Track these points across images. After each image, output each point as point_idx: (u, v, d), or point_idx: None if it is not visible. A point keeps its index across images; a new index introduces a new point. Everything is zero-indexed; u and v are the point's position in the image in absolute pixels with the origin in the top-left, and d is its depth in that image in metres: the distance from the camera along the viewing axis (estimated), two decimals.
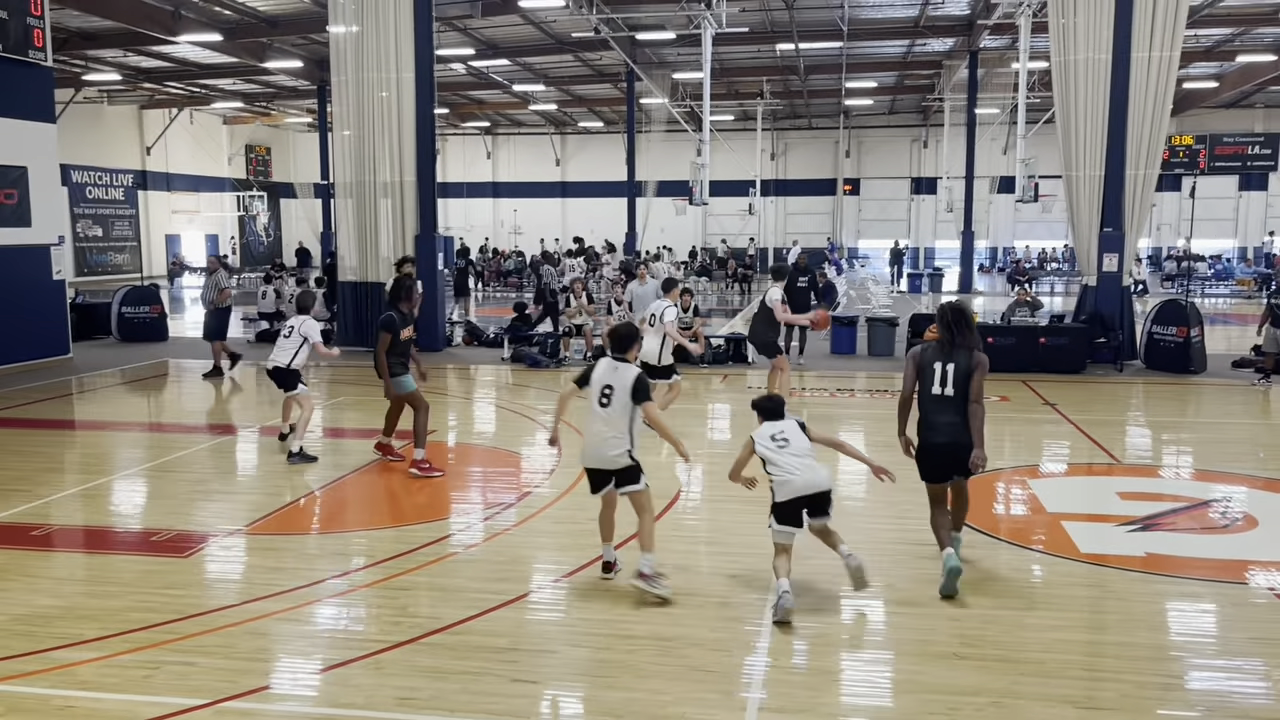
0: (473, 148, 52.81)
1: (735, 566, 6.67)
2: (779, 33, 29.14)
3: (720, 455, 10.24)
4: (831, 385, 14.35)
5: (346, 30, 17.75)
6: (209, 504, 8.33)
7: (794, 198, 50.23)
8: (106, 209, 38.15)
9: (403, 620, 5.71)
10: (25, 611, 5.87)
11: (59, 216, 17.53)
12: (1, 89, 15.14)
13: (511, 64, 33.64)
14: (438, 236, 17.98)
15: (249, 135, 48.35)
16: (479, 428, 12.26)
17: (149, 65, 32.99)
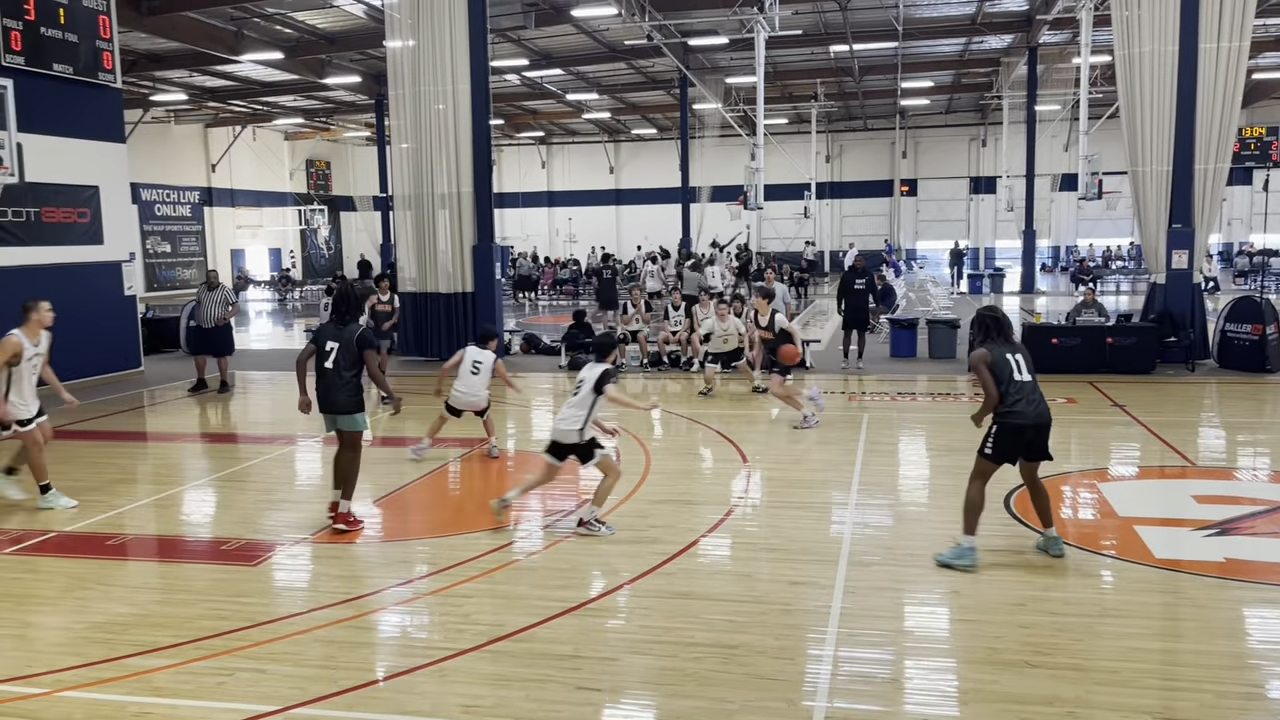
0: (528, 157, 53.25)
1: (796, 574, 6.60)
2: (833, 34, 28.95)
3: (777, 460, 10.18)
4: (892, 389, 14.18)
5: (403, 44, 18.01)
6: (275, 513, 8.48)
7: (850, 200, 49.85)
8: (174, 225, 39.18)
9: (466, 628, 5.75)
10: (102, 619, 6.02)
11: (129, 234, 18.00)
12: (73, 111, 15.61)
13: (565, 73, 33.89)
14: (495, 246, 18.13)
15: (309, 150, 49.30)
16: (537, 435, 12.30)
17: (213, 84, 33.82)
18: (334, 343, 7.44)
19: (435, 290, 18.07)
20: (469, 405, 10.17)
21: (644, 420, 12.36)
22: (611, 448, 7.81)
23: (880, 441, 10.82)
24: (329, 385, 7.46)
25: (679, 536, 7.40)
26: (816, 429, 11.26)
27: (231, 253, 44.13)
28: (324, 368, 7.44)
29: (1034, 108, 32.46)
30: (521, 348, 19.14)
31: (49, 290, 15.13)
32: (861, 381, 14.92)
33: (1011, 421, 6.56)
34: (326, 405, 7.49)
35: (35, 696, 4.95)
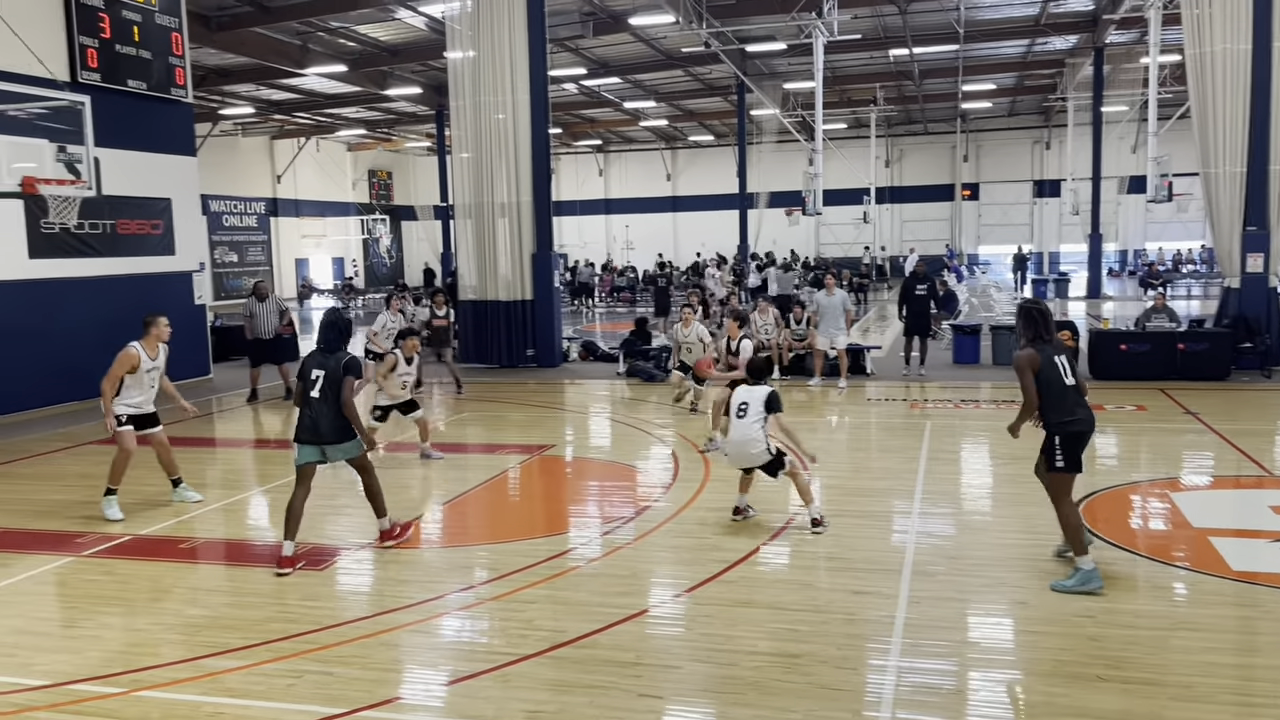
0: (585, 165, 53.56)
1: (859, 583, 6.54)
2: (892, 38, 28.68)
3: (838, 468, 10.09)
4: (955, 396, 13.99)
5: (463, 55, 18.24)
6: (340, 518, 8.63)
7: (910, 204, 49.32)
8: (241, 235, 40.14)
9: (529, 633, 5.80)
10: (176, 621, 6.18)
11: (199, 244, 18.46)
12: (147, 126, 16.07)
13: (622, 81, 34.02)
14: (553, 254, 18.27)
15: (371, 161, 50.14)
16: (595, 442, 12.37)
17: (279, 98, 34.57)
18: (319, 371, 6.96)
19: (495, 298, 18.26)
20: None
21: (699, 426, 12.36)
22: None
23: (943, 450, 10.68)
24: (315, 415, 6.94)
25: (739, 544, 7.38)
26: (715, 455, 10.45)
27: (296, 262, 45.03)
28: (310, 397, 6.95)
29: (1100, 109, 31.82)
30: (580, 354, 19.24)
31: (124, 299, 15.68)
32: (924, 389, 14.74)
33: (1074, 429, 6.37)
34: (313, 436, 6.98)
35: (114, 696, 5.10)
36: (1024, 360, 6.40)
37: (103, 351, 14.81)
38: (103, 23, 15.09)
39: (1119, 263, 45.82)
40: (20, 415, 13.94)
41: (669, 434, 11.88)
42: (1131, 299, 31.41)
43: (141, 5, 15.83)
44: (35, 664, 5.53)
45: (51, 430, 13.11)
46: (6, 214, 13.83)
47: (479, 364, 18.28)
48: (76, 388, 14.67)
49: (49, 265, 14.54)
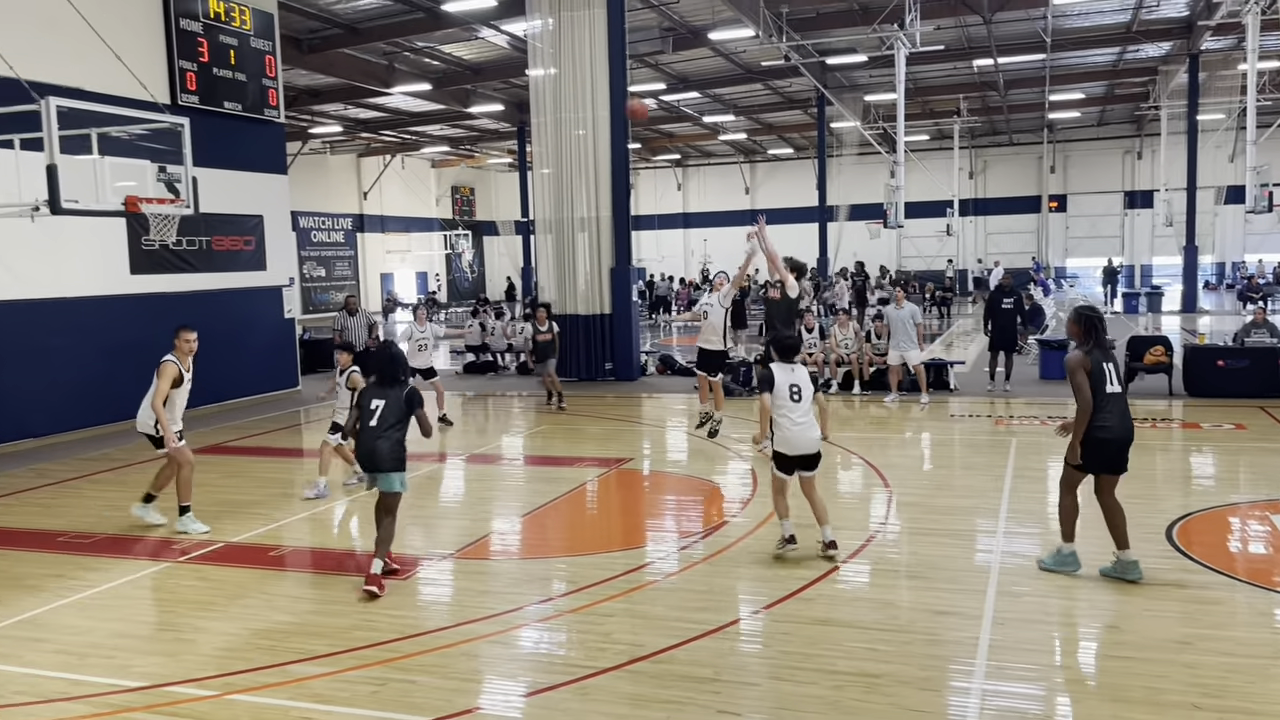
0: (663, 180, 53.76)
1: (941, 602, 6.41)
2: (976, 48, 28.23)
3: (920, 484, 9.92)
4: (1041, 412, 13.64)
5: (545, 73, 18.50)
6: (422, 529, 8.77)
7: (994, 217, 48.36)
8: (329, 251, 41.24)
9: (606, 647, 5.81)
10: (264, 627, 6.35)
11: (289, 260, 19.01)
12: (241, 145, 16.63)
13: (701, 96, 34.11)
14: (632, 269, 18.36)
15: (454, 177, 51.08)
16: (673, 456, 12.37)
17: (366, 116, 35.46)
18: (379, 401, 7.00)
19: (574, 312, 18.42)
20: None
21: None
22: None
23: (1029, 467, 10.42)
24: (372, 445, 6.95)
25: (818, 562, 7.30)
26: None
27: (381, 276, 46.04)
28: (368, 427, 6.98)
29: (1195, 117, 30.83)
30: (657, 368, 19.27)
31: (218, 313, 16.22)
32: (1009, 404, 14.42)
33: (1098, 435, 6.54)
34: (370, 463, 7.01)
35: (206, 699, 5.26)
36: (1075, 362, 6.62)
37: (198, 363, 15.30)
38: (201, 47, 15.69)
39: (1216, 276, 44.23)
40: (121, 425, 14.48)
41: (746, 449, 11.82)
42: (1229, 313, 30.28)
43: (238, 29, 16.42)
44: (133, 666, 5.73)
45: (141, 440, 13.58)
46: (110, 232, 14.45)
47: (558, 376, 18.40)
48: None
49: (148, 281, 15.12)
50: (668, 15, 23.69)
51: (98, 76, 12.94)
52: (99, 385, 14.14)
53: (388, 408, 6.98)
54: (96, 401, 14.15)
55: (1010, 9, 23.73)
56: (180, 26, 15.33)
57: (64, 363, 13.72)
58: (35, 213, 9.66)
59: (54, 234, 13.20)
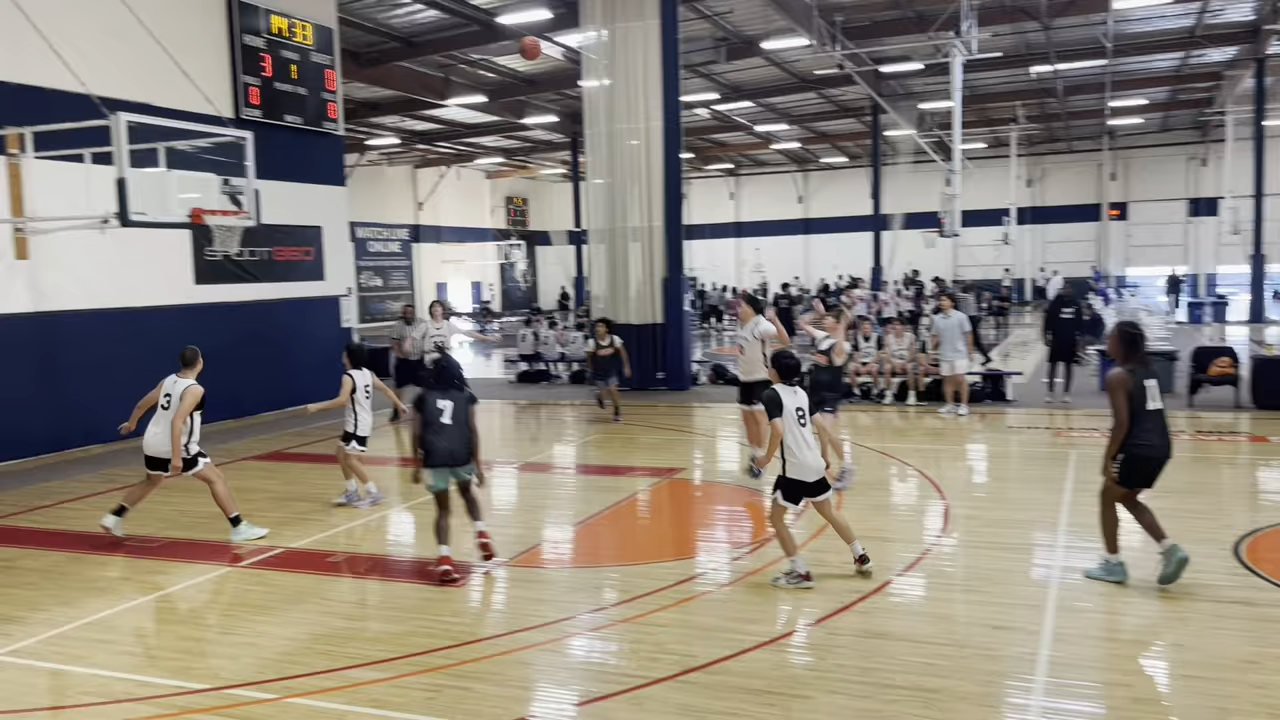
0: (716, 189, 53.72)
1: (999, 617, 6.32)
2: (1034, 54, 27.82)
3: (977, 497, 9.79)
4: (1102, 425, 13.33)
5: (598, 84, 18.61)
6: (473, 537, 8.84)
7: (1053, 225, 47.54)
8: (385, 261, 41.85)
9: (660, 657, 5.82)
10: (323, 632, 6.46)
11: (347, 269, 19.33)
12: (302, 158, 16.96)
13: (754, 105, 34.04)
14: (684, 278, 18.37)
15: (508, 188, 51.55)
16: (725, 466, 12.33)
17: (422, 128, 35.94)
18: (446, 403, 7.51)
19: (627, 321, 18.46)
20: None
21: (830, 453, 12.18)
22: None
23: (1090, 480, 10.18)
24: (451, 443, 7.50)
25: (873, 574, 7.23)
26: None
27: (436, 286, 46.58)
28: (444, 426, 7.46)
29: (1262, 123, 30.07)
30: (709, 378, 19.25)
31: (277, 322, 16.54)
32: (1068, 416, 14.17)
33: (1140, 452, 6.61)
34: (450, 460, 7.52)
35: (267, 701, 5.36)
36: (1117, 381, 6.62)
37: (258, 371, 15.63)
38: (264, 62, 16.04)
39: None
40: None
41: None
42: None
43: (299, 44, 16.76)
44: (196, 668, 5.86)
45: (211, 446, 13.87)
46: (176, 243, 14.82)
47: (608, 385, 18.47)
48: (234, 406, 15.54)
49: (212, 290, 15.47)
50: (721, 25, 23.71)
51: (165, 92, 13.29)
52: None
53: (456, 409, 7.59)
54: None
55: (1070, 14, 23.36)
56: (244, 42, 15.69)
57: (131, 371, 14.02)
58: (105, 224, 9.95)
59: (122, 245, 13.57)
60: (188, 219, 10.44)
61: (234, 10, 15.57)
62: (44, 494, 10.96)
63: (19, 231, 12.29)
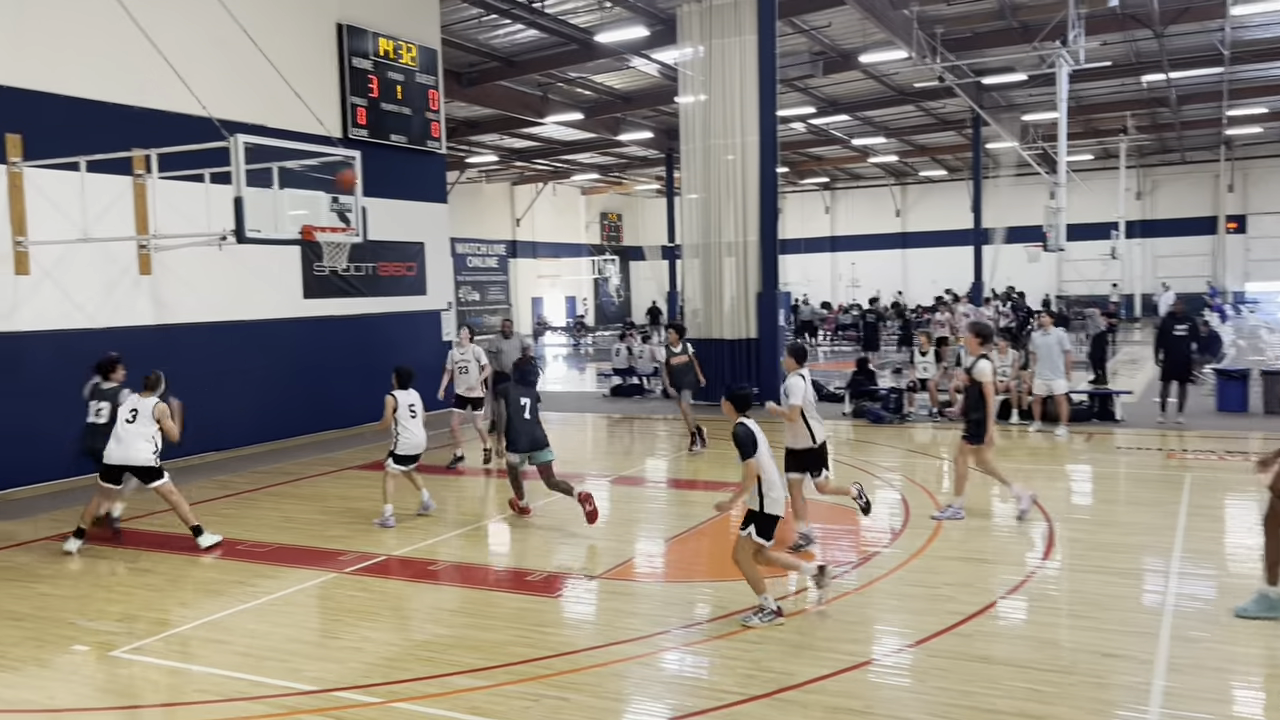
0: (811, 203, 53.30)
1: (1109, 644, 6.11)
2: (1146, 63, 26.93)
3: (1085, 519, 9.48)
4: (1219, 446, 12.83)
5: (694, 100, 18.70)
6: (571, 548, 8.95)
7: (1164, 239, 45.83)
8: (483, 276, 42.68)
9: (755, 674, 5.78)
10: (424, 639, 6.60)
11: (447, 284, 19.77)
12: (406, 176, 17.45)
13: (851, 118, 33.72)
14: (779, 293, 18.28)
15: (603, 204, 52.06)
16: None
17: (520, 146, 36.58)
18: (528, 399, 9.62)
19: (720, 336, 18.46)
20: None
21: (933, 471, 11.96)
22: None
23: (1206, 505, 9.81)
24: (533, 431, 9.60)
25: (975, 596, 7.07)
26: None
27: (531, 300, 47.26)
28: (525, 419, 9.53)
29: None
30: None
31: (381, 336, 16.97)
32: (1182, 438, 13.62)
33: None
34: (531, 444, 9.59)
35: (372, 705, 5.51)
36: None
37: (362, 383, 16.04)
38: (371, 84, 16.57)
39: None
40: (291, 441, 15.36)
41: (897, 477, 11.57)
42: None
43: (404, 66, 17.28)
44: (305, 670, 6.06)
45: (316, 455, 14.34)
46: (287, 259, 15.38)
47: (702, 401, 18.45)
48: (338, 416, 16.02)
49: (319, 305, 16.01)
50: (818, 39, 23.58)
51: (278, 113, 13.83)
52: (275, 403, 15.05)
53: (534, 403, 9.65)
54: (273, 418, 15.06)
55: (1184, 21, 22.55)
56: (352, 65, 16.24)
57: (244, 381, 14.64)
58: (223, 241, 10.38)
59: (237, 261, 14.16)
60: (299, 236, 10.81)
61: (344, 34, 16.14)
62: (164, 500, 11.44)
63: (143, 248, 12.92)
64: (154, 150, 11.32)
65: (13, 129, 11.68)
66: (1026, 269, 37.88)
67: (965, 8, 22.30)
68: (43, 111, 12.00)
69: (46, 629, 6.96)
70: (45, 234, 11.89)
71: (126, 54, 12.31)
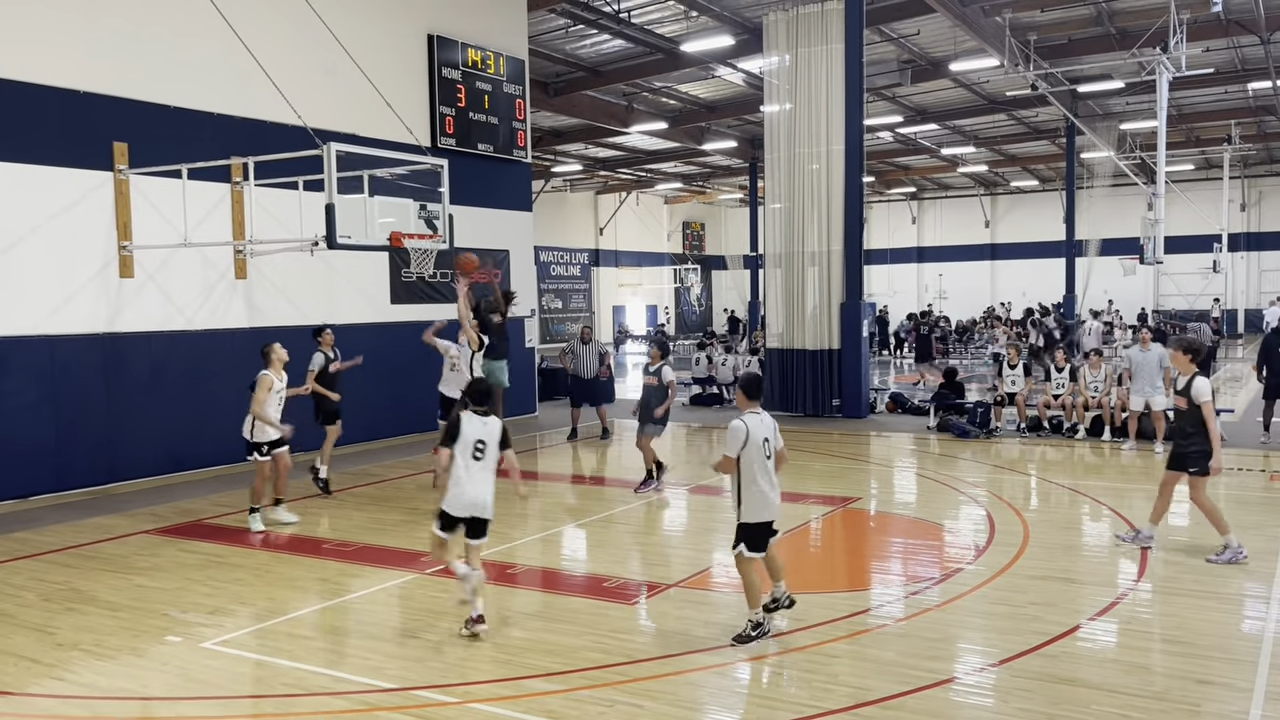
0: (897, 213, 52.56)
1: (1204, 671, 5.87)
2: (1252, 70, 25.94)
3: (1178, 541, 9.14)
4: None
5: (780, 109, 18.61)
6: (647, 557, 8.94)
7: (1270, 252, 44.02)
8: (565, 284, 43.08)
9: (832, 688, 5.70)
10: (502, 641, 6.66)
11: (531, 292, 19.99)
12: (493, 184, 17.71)
13: (939, 127, 33.19)
14: (863, 304, 18.05)
15: (685, 213, 52.08)
16: (902, 497, 12.00)
17: (604, 155, 36.86)
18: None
19: (801, 347, 18.30)
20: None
21: (1020, 488, 11.67)
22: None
23: None
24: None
25: (1061, 617, 6.87)
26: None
27: (613, 309, 47.50)
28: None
29: None
30: (887, 406, 18.79)
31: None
32: (1267, 458, 13.05)
33: None
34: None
35: (450, 705, 5.58)
36: None
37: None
38: (459, 94, 16.88)
39: None
40: (376, 443, 15.69)
41: (982, 493, 11.30)
42: None
43: (492, 76, 17.56)
44: (385, 668, 6.17)
45: (402, 457, 14.63)
46: (375, 265, 15.74)
47: (783, 411, 18.33)
48: (421, 420, 16.27)
49: (405, 310, 16.31)
50: (907, 47, 23.27)
51: (369, 123, 14.17)
52: (363, 405, 15.35)
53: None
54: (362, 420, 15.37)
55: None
56: (442, 75, 16.56)
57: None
58: (315, 247, 10.66)
59: (328, 267, 14.53)
60: (387, 242, 11.05)
61: (434, 45, 16.47)
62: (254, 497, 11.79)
63: (239, 253, 13.37)
64: (251, 158, 11.69)
65: (120, 138, 12.21)
66: (1121, 282, 36.74)
67: (1060, 14, 21.79)
68: (147, 121, 12.51)
69: (141, 620, 7.22)
70: (148, 239, 12.39)
71: (226, 65, 12.74)
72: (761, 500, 6.34)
